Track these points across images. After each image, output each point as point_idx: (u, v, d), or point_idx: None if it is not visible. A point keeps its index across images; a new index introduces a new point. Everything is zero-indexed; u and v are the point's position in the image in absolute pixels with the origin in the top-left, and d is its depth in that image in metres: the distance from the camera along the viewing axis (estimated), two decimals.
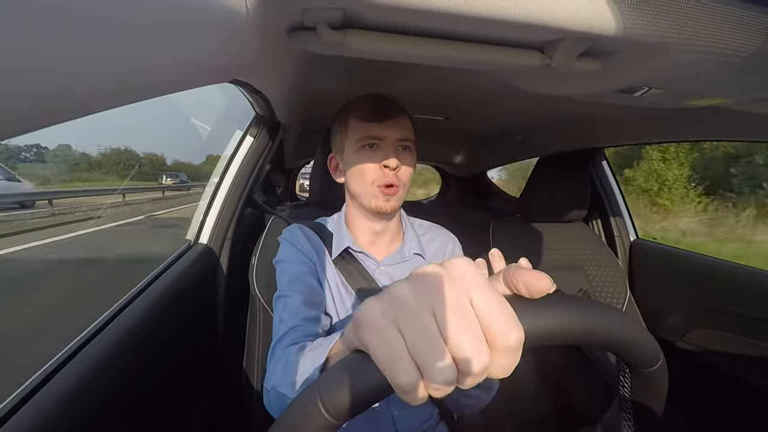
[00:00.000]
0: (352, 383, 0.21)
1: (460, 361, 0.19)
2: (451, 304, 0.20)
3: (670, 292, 1.13)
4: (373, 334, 0.20)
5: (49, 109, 0.18)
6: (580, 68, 0.47)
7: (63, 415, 0.39)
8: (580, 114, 1.00)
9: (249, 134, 0.95)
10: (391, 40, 0.44)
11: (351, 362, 0.22)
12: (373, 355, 0.20)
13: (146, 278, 0.69)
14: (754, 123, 0.70)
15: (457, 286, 0.21)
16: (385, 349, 0.20)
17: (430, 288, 0.21)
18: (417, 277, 0.22)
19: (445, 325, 0.19)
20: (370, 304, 0.21)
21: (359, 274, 0.63)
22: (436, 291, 0.20)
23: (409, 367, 0.19)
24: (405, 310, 0.20)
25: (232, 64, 0.40)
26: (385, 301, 0.21)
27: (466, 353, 0.19)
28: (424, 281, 0.21)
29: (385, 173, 0.60)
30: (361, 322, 0.21)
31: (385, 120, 0.60)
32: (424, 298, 0.20)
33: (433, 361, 0.19)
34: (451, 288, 0.21)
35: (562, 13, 0.35)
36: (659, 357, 0.26)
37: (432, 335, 0.19)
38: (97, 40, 0.18)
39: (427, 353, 0.19)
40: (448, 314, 0.20)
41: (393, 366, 0.19)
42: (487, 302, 0.20)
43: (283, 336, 0.54)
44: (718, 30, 0.36)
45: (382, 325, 0.20)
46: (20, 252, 4.58)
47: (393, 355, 0.19)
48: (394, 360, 0.19)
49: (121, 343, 0.52)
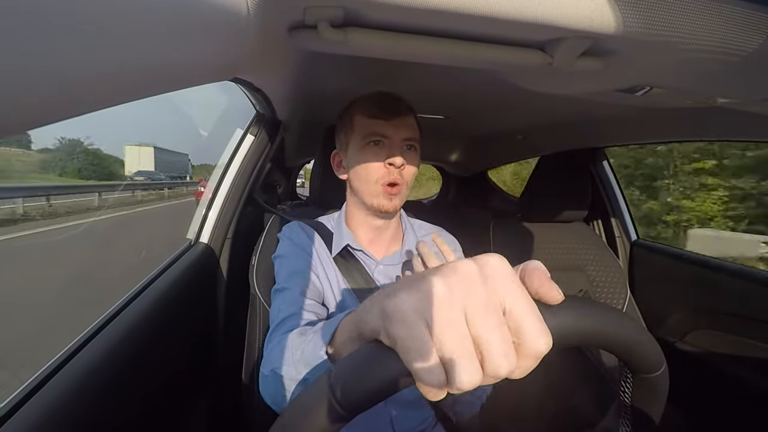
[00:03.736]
0: (368, 376, 0.20)
1: (486, 362, 0.19)
2: (483, 303, 0.20)
3: (671, 292, 1.13)
4: (403, 327, 0.20)
5: (50, 107, 0.18)
6: (581, 67, 0.47)
7: (63, 414, 0.39)
8: (581, 113, 1.00)
9: (249, 133, 0.95)
10: (392, 39, 0.44)
11: (369, 353, 0.22)
12: (400, 348, 0.20)
13: (146, 278, 0.69)
14: (755, 123, 0.70)
15: (489, 285, 0.21)
16: (413, 344, 0.19)
17: (462, 285, 0.20)
18: (450, 271, 0.21)
19: (475, 325, 0.19)
20: (402, 297, 0.21)
21: (358, 273, 0.63)
22: (468, 289, 0.20)
23: (436, 364, 0.19)
24: (437, 306, 0.20)
25: (233, 62, 0.40)
26: (416, 295, 0.21)
27: (494, 356, 0.19)
28: (456, 277, 0.21)
29: (389, 171, 0.60)
30: (390, 314, 0.21)
31: (391, 118, 0.60)
32: (457, 296, 0.20)
33: (460, 361, 0.19)
34: (484, 287, 0.20)
35: (564, 12, 0.35)
36: (662, 363, 0.26)
37: (461, 335, 0.19)
38: (98, 38, 0.18)
39: (455, 353, 0.19)
40: (479, 314, 0.20)
41: (420, 362, 0.19)
42: (520, 305, 0.20)
43: (280, 323, 0.53)
44: (718, 29, 0.36)
45: (413, 319, 0.20)
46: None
47: (421, 351, 0.19)
48: (422, 356, 0.19)
49: (121, 343, 0.52)
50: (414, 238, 0.69)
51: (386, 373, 0.20)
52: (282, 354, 0.45)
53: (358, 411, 0.21)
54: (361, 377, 0.21)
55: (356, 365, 0.22)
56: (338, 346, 0.33)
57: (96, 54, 0.18)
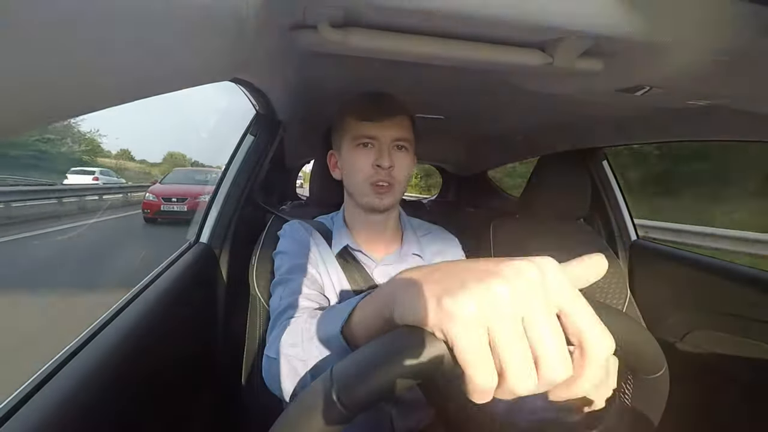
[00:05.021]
0: (372, 374, 0.21)
1: (543, 369, 0.20)
2: (544, 312, 0.20)
3: (671, 292, 1.13)
4: (465, 330, 0.20)
5: (50, 106, 0.18)
6: (581, 67, 0.47)
7: (63, 414, 0.39)
8: (581, 114, 1.00)
9: (250, 133, 0.95)
10: (393, 39, 0.44)
11: (376, 350, 0.22)
12: (458, 349, 0.20)
13: (146, 278, 0.69)
14: (754, 122, 0.70)
15: (550, 293, 0.21)
16: (476, 348, 0.20)
17: (525, 291, 0.20)
18: (514, 274, 0.21)
19: (535, 333, 0.20)
20: (466, 300, 0.20)
21: (358, 273, 0.63)
22: (531, 296, 0.20)
23: (494, 371, 0.20)
24: (501, 314, 0.20)
25: (233, 62, 0.40)
26: (480, 297, 0.20)
27: (551, 362, 0.19)
28: (520, 282, 0.21)
29: (377, 172, 0.60)
30: (453, 315, 0.20)
31: (380, 119, 0.60)
32: (519, 302, 0.20)
33: (519, 370, 0.19)
34: (546, 294, 0.21)
35: (564, 12, 0.35)
36: (663, 364, 0.26)
37: (523, 346, 0.20)
38: (99, 38, 0.18)
39: (515, 362, 0.19)
40: (540, 323, 0.20)
41: (477, 365, 0.20)
42: (582, 314, 0.20)
43: (284, 310, 0.53)
44: (718, 29, 0.36)
45: (476, 324, 0.20)
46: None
47: (481, 354, 0.20)
48: (481, 360, 0.20)
49: (121, 343, 0.52)
50: (414, 238, 0.69)
51: (426, 356, 0.21)
52: (289, 336, 0.44)
53: (360, 410, 0.21)
54: (364, 376, 0.21)
55: (365, 359, 0.21)
56: (355, 328, 0.32)
57: (97, 54, 0.18)
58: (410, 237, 0.69)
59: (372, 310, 0.29)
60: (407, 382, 0.21)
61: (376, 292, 0.30)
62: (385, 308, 0.26)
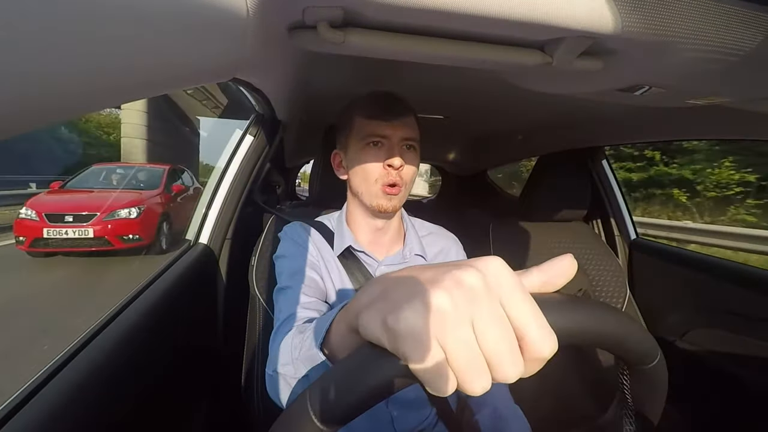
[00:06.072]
0: (347, 390, 0.22)
1: (496, 370, 0.20)
2: (489, 315, 0.20)
3: (670, 291, 1.13)
4: (417, 346, 0.20)
5: (49, 107, 0.18)
6: (581, 67, 0.47)
7: (63, 415, 0.39)
8: (581, 113, 1.00)
9: (249, 133, 0.95)
10: (392, 39, 0.44)
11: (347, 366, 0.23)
12: (413, 366, 0.21)
13: (146, 278, 0.69)
14: (755, 122, 0.70)
15: (494, 293, 0.21)
16: (428, 362, 0.20)
17: (467, 298, 0.21)
18: (453, 284, 0.21)
19: (484, 338, 0.20)
20: (407, 315, 0.21)
21: (360, 273, 0.63)
22: (473, 302, 0.21)
23: (451, 378, 0.20)
24: (446, 324, 0.20)
25: (232, 62, 0.40)
26: (422, 312, 0.21)
27: (504, 365, 0.20)
28: (460, 290, 0.21)
29: (388, 172, 0.60)
30: (400, 333, 0.21)
31: (391, 119, 0.60)
32: (463, 310, 0.20)
33: (473, 374, 0.20)
34: (488, 297, 0.21)
35: (563, 11, 0.35)
36: (656, 353, 0.26)
37: (474, 352, 0.20)
38: (98, 38, 0.18)
39: (469, 368, 0.20)
40: (488, 327, 0.20)
41: (434, 378, 0.20)
42: (523, 311, 0.21)
43: (283, 322, 0.54)
44: (718, 29, 0.36)
45: (425, 338, 0.20)
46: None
47: (436, 368, 0.20)
48: (436, 373, 0.20)
49: (121, 344, 0.52)
50: (416, 238, 0.69)
51: (367, 384, 0.22)
52: (283, 353, 0.45)
53: (338, 426, 0.22)
54: (340, 392, 0.22)
55: (334, 379, 0.23)
56: (333, 343, 0.33)
57: (95, 54, 0.18)
58: (412, 237, 0.69)
59: (345, 326, 0.30)
60: (377, 396, 0.22)
61: (346, 307, 0.30)
62: (354, 323, 0.27)
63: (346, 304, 0.31)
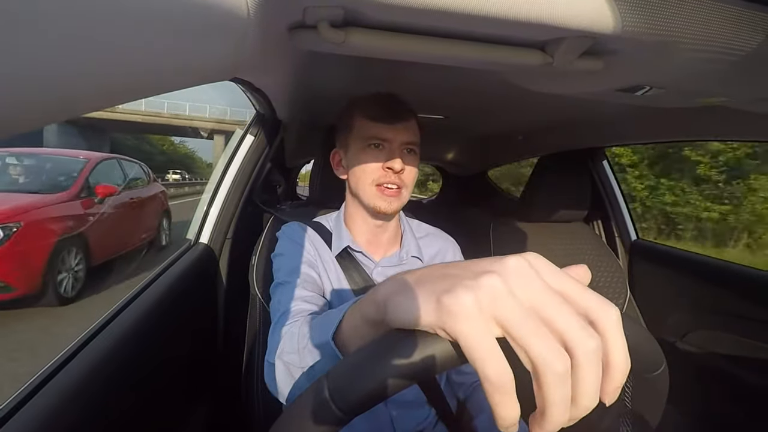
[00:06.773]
0: (366, 376, 0.21)
1: (570, 343, 0.19)
2: (546, 294, 0.20)
3: (670, 292, 1.13)
4: (470, 325, 0.20)
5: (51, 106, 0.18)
6: (582, 67, 0.47)
7: (61, 416, 0.39)
8: (581, 113, 1.00)
9: (249, 133, 0.95)
10: (392, 39, 0.44)
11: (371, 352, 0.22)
12: (465, 345, 0.20)
13: (146, 278, 0.69)
14: (755, 122, 0.70)
15: (543, 275, 0.21)
16: (480, 341, 0.19)
17: (521, 281, 0.21)
18: (503, 270, 0.21)
19: (547, 314, 0.20)
20: (465, 296, 0.20)
21: (357, 274, 0.63)
22: (527, 284, 0.21)
23: (503, 362, 0.19)
24: (503, 305, 0.20)
25: (232, 62, 0.40)
26: (479, 294, 0.20)
27: (575, 333, 0.19)
28: (512, 274, 0.21)
29: (388, 174, 0.60)
30: (455, 312, 0.20)
31: (394, 122, 0.60)
32: (519, 291, 0.20)
33: (549, 351, 0.19)
34: (538, 277, 0.21)
35: (564, 11, 0.35)
36: (662, 362, 0.26)
37: (543, 329, 0.19)
38: (98, 37, 0.18)
39: (542, 345, 0.19)
40: (546, 303, 0.20)
41: (486, 358, 0.19)
42: (576, 288, 0.21)
43: (283, 313, 0.53)
44: (719, 29, 0.36)
45: (480, 318, 0.20)
46: None
47: (488, 348, 0.19)
48: (489, 353, 0.19)
49: (120, 344, 0.52)
50: (413, 240, 0.69)
51: (389, 371, 0.21)
52: (288, 342, 0.45)
53: (356, 413, 0.21)
54: (360, 377, 0.21)
55: (359, 364, 0.22)
56: (345, 335, 0.33)
57: (95, 54, 0.18)
58: (409, 239, 0.69)
59: (361, 317, 0.29)
60: (403, 383, 0.21)
61: (364, 298, 0.30)
62: (376, 313, 0.26)
63: (360, 298, 0.31)
